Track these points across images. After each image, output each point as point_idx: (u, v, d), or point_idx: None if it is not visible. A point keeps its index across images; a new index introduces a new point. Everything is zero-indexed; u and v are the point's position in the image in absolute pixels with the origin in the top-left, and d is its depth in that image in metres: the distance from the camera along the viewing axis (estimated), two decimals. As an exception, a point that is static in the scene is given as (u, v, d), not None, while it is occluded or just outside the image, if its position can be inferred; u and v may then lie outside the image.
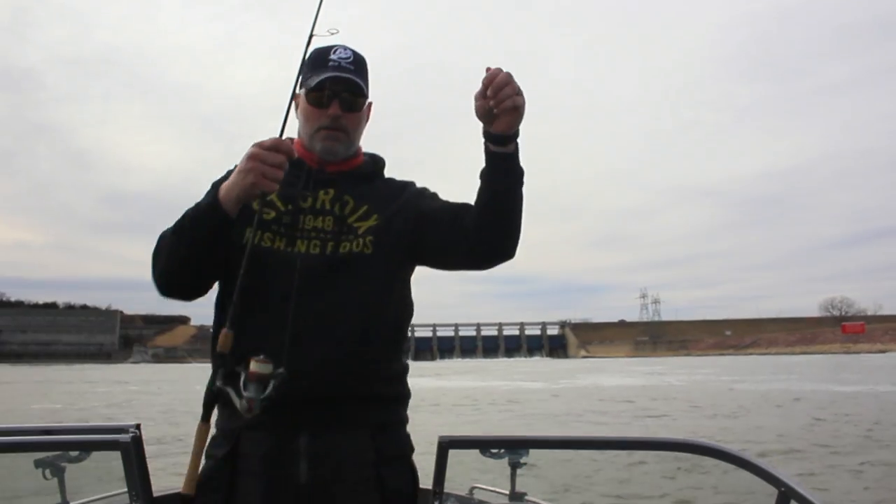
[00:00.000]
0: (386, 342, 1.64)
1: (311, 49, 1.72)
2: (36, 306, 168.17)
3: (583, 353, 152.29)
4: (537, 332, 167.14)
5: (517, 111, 1.49)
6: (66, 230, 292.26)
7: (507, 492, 2.07)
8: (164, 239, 1.59)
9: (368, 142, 1.90)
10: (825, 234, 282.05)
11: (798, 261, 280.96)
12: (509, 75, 1.47)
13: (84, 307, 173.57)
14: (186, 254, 1.54)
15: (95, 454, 1.99)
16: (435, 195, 1.83)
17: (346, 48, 1.73)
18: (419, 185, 1.88)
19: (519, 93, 1.48)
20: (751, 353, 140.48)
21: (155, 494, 1.86)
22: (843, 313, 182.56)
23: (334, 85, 1.68)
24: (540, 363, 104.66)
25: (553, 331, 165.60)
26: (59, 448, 2.00)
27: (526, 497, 2.13)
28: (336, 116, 1.69)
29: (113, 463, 1.87)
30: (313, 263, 1.60)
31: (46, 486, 2.07)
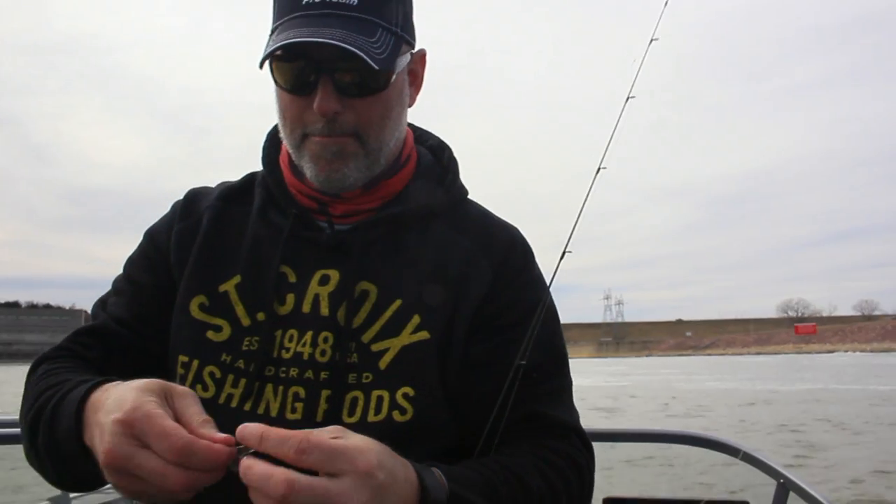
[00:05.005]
0: None
1: None
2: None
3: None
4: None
5: None
6: (27, 227, 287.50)
7: None
8: (23, 401, 0.89)
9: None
10: (787, 235, 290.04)
11: (760, 262, 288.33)
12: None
13: (47, 306, 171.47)
14: (56, 474, 0.84)
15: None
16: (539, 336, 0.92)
17: None
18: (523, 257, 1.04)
19: None
20: (710, 354, 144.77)
21: None
22: (800, 314, 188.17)
23: (314, 50, 0.87)
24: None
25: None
26: None
27: None
28: (330, 114, 0.89)
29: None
30: None
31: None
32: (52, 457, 0.81)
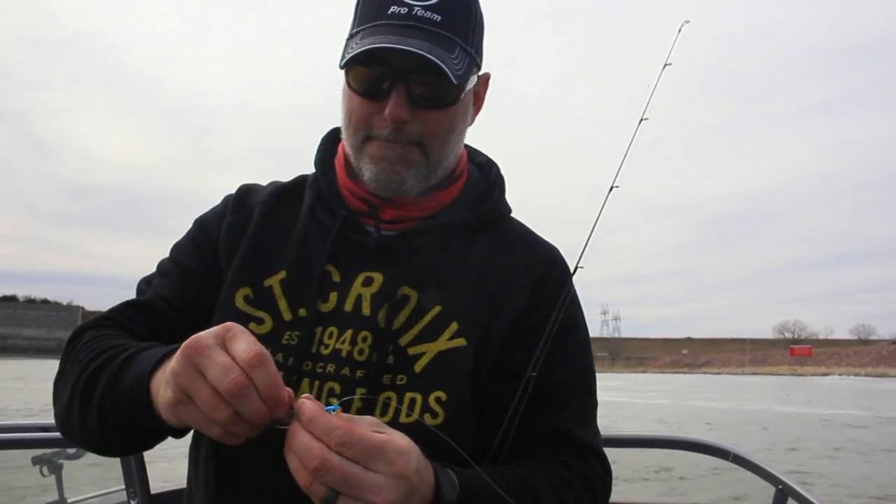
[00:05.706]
0: None
1: None
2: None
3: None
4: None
5: None
6: (27, 221, 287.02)
7: None
8: (70, 361, 0.91)
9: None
10: (787, 256, 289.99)
11: (759, 282, 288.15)
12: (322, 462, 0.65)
13: (45, 301, 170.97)
14: (97, 423, 0.85)
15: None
16: (566, 353, 0.99)
17: None
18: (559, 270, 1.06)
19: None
20: (705, 372, 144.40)
21: (153, 492, 1.80)
22: (796, 336, 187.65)
23: (394, 58, 0.90)
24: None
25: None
26: (56, 445, 1.95)
27: None
28: (400, 122, 0.93)
29: (111, 460, 1.77)
30: None
31: (44, 482, 2.13)
32: (106, 409, 0.83)
